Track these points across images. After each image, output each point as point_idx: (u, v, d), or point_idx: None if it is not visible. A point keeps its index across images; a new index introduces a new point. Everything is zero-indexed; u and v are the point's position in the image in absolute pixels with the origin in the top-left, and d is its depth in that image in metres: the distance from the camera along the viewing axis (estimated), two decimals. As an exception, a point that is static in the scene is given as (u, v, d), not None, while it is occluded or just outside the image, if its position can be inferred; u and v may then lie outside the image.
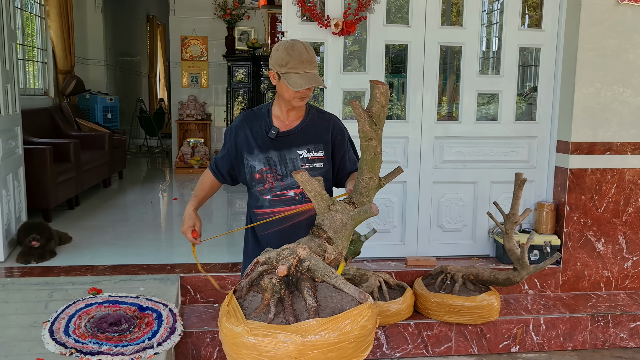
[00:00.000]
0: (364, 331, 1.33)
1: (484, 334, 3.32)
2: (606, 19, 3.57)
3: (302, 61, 1.98)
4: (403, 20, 3.90)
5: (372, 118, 1.60)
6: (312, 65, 2.00)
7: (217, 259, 3.75)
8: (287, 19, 3.56)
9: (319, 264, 1.43)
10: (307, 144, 2.13)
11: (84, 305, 3.00)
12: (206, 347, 3.06)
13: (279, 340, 1.26)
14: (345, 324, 1.29)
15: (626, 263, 3.81)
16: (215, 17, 8.00)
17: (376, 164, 1.69)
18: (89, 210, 5.45)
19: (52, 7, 6.61)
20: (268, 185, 2.13)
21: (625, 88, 3.65)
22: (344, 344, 1.29)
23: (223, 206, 6.20)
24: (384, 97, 1.58)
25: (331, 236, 1.56)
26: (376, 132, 1.62)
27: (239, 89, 7.83)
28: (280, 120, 2.16)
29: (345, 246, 1.59)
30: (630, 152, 3.69)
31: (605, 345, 3.47)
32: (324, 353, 1.25)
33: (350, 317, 1.30)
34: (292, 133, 2.14)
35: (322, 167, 2.15)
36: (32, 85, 6.57)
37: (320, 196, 1.63)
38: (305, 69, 1.98)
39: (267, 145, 2.12)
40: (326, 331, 1.27)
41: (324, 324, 1.28)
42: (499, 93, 3.84)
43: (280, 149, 2.12)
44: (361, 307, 1.34)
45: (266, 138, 2.13)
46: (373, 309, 1.37)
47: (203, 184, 2.35)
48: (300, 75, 1.98)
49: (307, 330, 1.27)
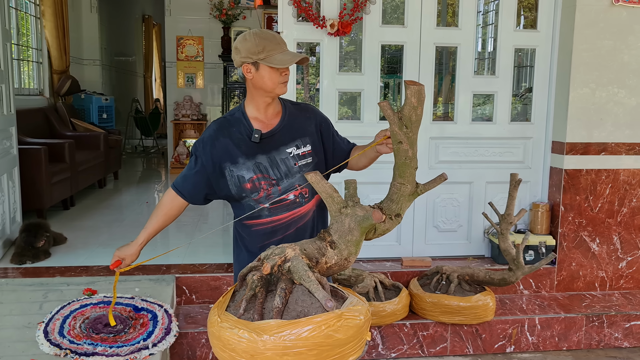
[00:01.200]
0: (329, 341, 1.26)
1: (480, 334, 3.33)
2: (601, 20, 3.58)
3: (277, 42, 1.90)
4: (399, 20, 3.90)
5: (402, 120, 1.53)
6: (286, 45, 1.95)
7: (212, 260, 3.75)
8: (283, 19, 3.56)
9: (299, 266, 1.40)
10: (294, 140, 1.99)
11: (78, 306, 2.99)
12: (201, 348, 3.06)
13: (238, 335, 1.28)
14: (305, 330, 1.25)
15: (621, 263, 3.82)
16: (211, 17, 8.00)
17: (407, 169, 1.61)
18: (84, 210, 5.43)
19: (47, 7, 6.58)
20: (264, 193, 1.96)
21: (620, 89, 3.66)
22: (302, 350, 1.25)
23: (219, 206, 6.19)
24: (416, 98, 1.50)
25: (335, 240, 1.52)
26: (407, 135, 1.55)
27: (234, 89, 7.82)
28: (259, 120, 2.00)
29: (353, 252, 1.52)
30: (624, 153, 3.70)
31: (600, 345, 3.48)
32: (279, 355, 1.25)
33: (313, 324, 1.26)
34: (276, 132, 1.99)
35: (312, 160, 2.01)
36: (27, 85, 6.55)
37: (331, 198, 1.56)
38: (284, 48, 1.92)
39: (253, 151, 1.96)
40: (282, 334, 1.25)
41: (281, 326, 1.27)
42: (494, 94, 3.85)
43: (268, 151, 1.97)
44: (326, 316, 1.28)
45: (250, 143, 1.96)
46: (349, 320, 1.30)
47: (160, 213, 2.16)
48: (283, 53, 1.90)
49: (264, 329, 1.27)
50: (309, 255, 1.48)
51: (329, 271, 1.53)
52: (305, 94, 7.95)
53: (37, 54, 6.72)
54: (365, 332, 1.39)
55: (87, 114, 7.62)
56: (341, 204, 1.57)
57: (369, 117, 3.71)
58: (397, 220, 1.64)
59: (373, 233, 1.62)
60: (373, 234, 1.62)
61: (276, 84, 1.93)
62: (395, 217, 1.63)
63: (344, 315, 1.30)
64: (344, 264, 1.53)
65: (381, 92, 6.79)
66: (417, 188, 1.65)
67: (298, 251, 1.46)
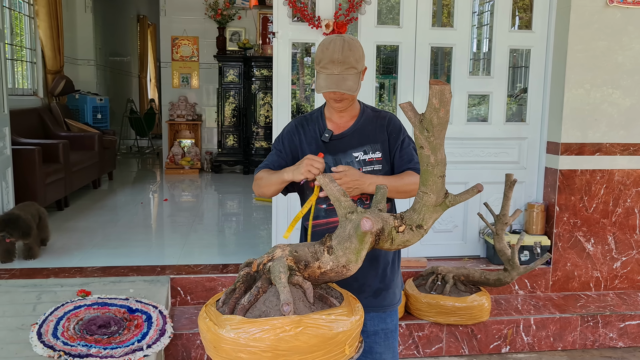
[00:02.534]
0: (286, 345, 1.25)
1: (475, 335, 3.33)
2: (595, 20, 3.59)
3: (332, 61, 1.81)
4: (394, 21, 3.91)
5: (422, 123, 1.41)
6: (344, 66, 1.82)
7: (207, 261, 3.74)
8: (278, 19, 3.56)
9: (276, 267, 1.38)
10: (363, 145, 1.95)
11: (72, 308, 2.98)
12: (196, 349, 3.05)
13: (207, 326, 1.33)
14: (259, 330, 1.25)
15: (615, 263, 3.83)
16: (206, 18, 7.98)
17: (430, 177, 1.48)
18: (79, 211, 5.41)
19: (41, 7, 6.56)
20: (322, 193, 1.90)
21: (614, 89, 3.68)
22: (255, 350, 1.25)
23: (214, 207, 6.18)
24: (438, 99, 1.37)
25: (333, 246, 1.46)
26: (428, 140, 1.43)
27: (230, 89, 7.81)
28: (333, 122, 1.99)
29: (352, 260, 1.44)
30: (619, 153, 3.72)
31: (595, 345, 3.49)
32: (234, 351, 1.27)
33: (268, 326, 1.25)
34: (347, 135, 1.97)
35: (381, 168, 1.96)
36: (21, 86, 6.52)
37: (339, 202, 1.51)
38: (334, 71, 1.81)
39: (321, 150, 1.94)
40: (239, 330, 1.27)
41: (240, 323, 1.28)
42: (489, 94, 3.85)
43: (335, 152, 1.95)
44: (283, 320, 1.26)
45: (320, 142, 1.97)
46: (311, 328, 1.27)
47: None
48: (327, 77, 1.82)
49: (225, 324, 1.30)
50: (299, 258, 1.44)
51: (324, 277, 1.46)
52: (300, 94, 7.95)
53: (31, 54, 6.69)
54: (344, 346, 1.33)
55: (81, 114, 7.59)
56: (348, 209, 1.51)
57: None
58: (419, 232, 1.52)
59: (390, 243, 1.53)
60: (390, 243, 1.53)
61: (328, 99, 1.92)
62: (416, 229, 1.52)
63: (303, 322, 1.27)
64: (341, 271, 1.46)
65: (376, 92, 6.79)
66: (446, 199, 1.51)
67: (287, 252, 1.44)
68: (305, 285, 1.40)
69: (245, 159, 7.94)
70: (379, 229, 1.47)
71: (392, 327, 2.08)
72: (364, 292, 1.98)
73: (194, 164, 7.97)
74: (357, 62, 1.84)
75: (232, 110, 7.85)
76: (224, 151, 7.96)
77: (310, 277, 1.45)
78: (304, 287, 1.39)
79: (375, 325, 2.04)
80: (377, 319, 2.04)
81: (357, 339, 1.41)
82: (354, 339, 1.38)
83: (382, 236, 1.50)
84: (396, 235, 1.51)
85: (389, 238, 1.52)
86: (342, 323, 1.33)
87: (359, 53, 1.85)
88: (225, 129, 7.89)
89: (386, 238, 1.51)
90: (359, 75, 1.87)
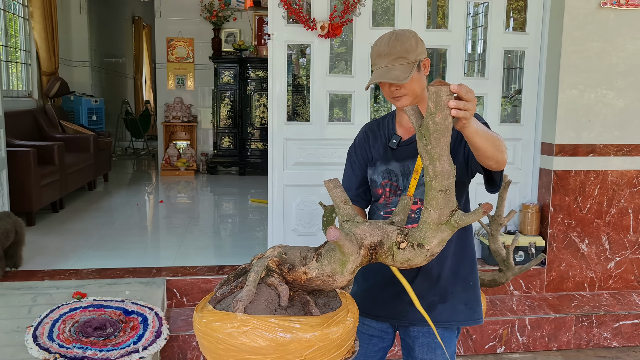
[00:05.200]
0: (235, 342, 1.26)
1: (470, 335, 3.34)
2: (589, 22, 3.61)
3: (379, 54, 1.73)
4: (389, 22, 3.92)
5: (420, 130, 1.28)
6: (390, 57, 1.72)
7: (203, 262, 3.74)
8: (273, 21, 3.56)
9: (255, 266, 1.38)
10: None
11: (68, 310, 2.97)
12: (192, 351, 3.05)
13: (195, 313, 1.39)
14: (215, 322, 1.30)
15: (609, 263, 3.85)
16: (202, 19, 7.98)
17: (429, 191, 1.30)
18: (74, 213, 5.40)
19: (35, 8, 6.54)
20: (384, 200, 1.87)
21: (608, 90, 3.70)
22: (211, 340, 1.31)
23: (210, 208, 6.18)
24: (433, 101, 1.23)
25: (322, 253, 1.40)
26: (425, 148, 1.27)
27: (225, 91, 7.80)
28: (403, 126, 1.89)
29: (338, 271, 1.37)
30: (613, 154, 3.74)
31: (589, 345, 3.50)
32: (200, 337, 1.35)
33: (220, 320, 1.30)
34: (415, 140, 1.76)
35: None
36: (16, 87, 6.50)
37: (338, 210, 1.47)
38: (381, 64, 1.73)
39: (388, 156, 1.86)
40: (204, 320, 1.32)
41: (206, 312, 1.34)
42: (484, 95, 3.87)
43: (402, 159, 1.84)
44: (232, 316, 1.28)
45: (387, 148, 1.88)
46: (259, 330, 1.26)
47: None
48: (375, 71, 1.73)
49: (202, 313, 1.36)
50: (286, 260, 1.40)
51: (311, 284, 1.41)
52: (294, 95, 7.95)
53: (26, 56, 6.68)
54: (301, 356, 1.28)
55: (76, 115, 7.57)
56: (345, 217, 1.43)
57: (360, 119, 3.71)
58: (421, 251, 1.36)
59: (392, 259, 1.40)
60: (392, 260, 1.41)
61: (388, 97, 1.82)
62: (417, 247, 1.36)
63: (251, 322, 1.26)
64: (327, 281, 1.38)
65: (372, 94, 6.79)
66: (451, 217, 1.33)
67: (276, 253, 1.43)
68: (281, 287, 1.36)
69: (241, 161, 7.93)
70: (374, 242, 1.39)
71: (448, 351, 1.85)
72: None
73: (189, 166, 7.96)
74: (408, 52, 1.72)
75: (228, 111, 7.85)
76: (219, 153, 7.96)
77: (295, 281, 1.41)
78: (278, 290, 1.36)
79: (423, 353, 1.87)
80: (427, 347, 1.87)
81: (325, 353, 1.33)
82: (318, 352, 1.31)
83: (381, 250, 1.40)
84: (397, 252, 1.38)
85: (390, 254, 1.40)
86: (300, 332, 1.27)
87: (410, 43, 1.74)
88: (221, 131, 7.88)
89: (386, 254, 1.40)
90: (412, 65, 1.73)
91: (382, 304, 1.90)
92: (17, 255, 3.53)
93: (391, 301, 1.88)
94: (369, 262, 1.42)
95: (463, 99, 1.27)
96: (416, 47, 1.75)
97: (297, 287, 1.42)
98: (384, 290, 1.90)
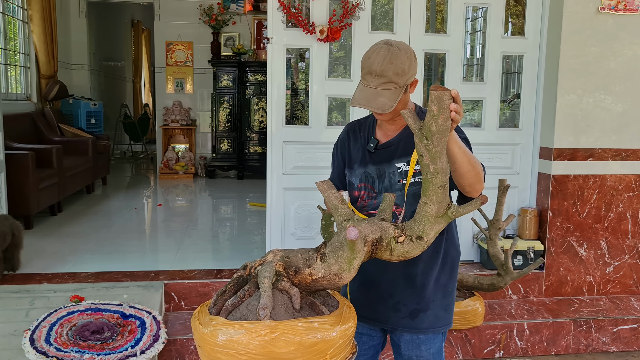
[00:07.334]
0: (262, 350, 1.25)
1: (469, 340, 3.34)
2: (587, 27, 3.63)
3: (370, 72, 1.68)
4: (388, 27, 3.92)
5: (422, 131, 1.39)
6: (381, 80, 1.67)
7: (201, 266, 3.73)
8: (273, 25, 3.57)
9: (263, 271, 1.37)
10: (407, 156, 1.81)
11: (65, 313, 2.96)
12: (190, 355, 3.04)
13: (195, 326, 1.36)
14: (236, 333, 1.26)
15: (608, 268, 3.85)
16: (201, 23, 7.99)
17: (430, 187, 1.43)
18: (72, 216, 5.39)
19: (35, 12, 6.54)
20: (360, 203, 1.89)
21: (606, 95, 3.70)
22: (231, 352, 1.26)
23: (208, 212, 6.17)
24: (437, 105, 1.34)
25: (326, 253, 1.43)
26: (427, 148, 1.39)
27: (224, 94, 7.81)
28: (382, 129, 1.89)
29: (344, 269, 1.41)
30: (611, 159, 3.74)
31: (588, 350, 3.50)
32: (214, 351, 1.31)
33: (244, 329, 1.26)
34: (392, 144, 1.85)
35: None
36: (14, 90, 6.49)
37: (336, 209, 1.49)
38: (370, 83, 1.69)
39: (366, 159, 1.87)
40: (217, 331, 1.29)
41: (220, 324, 1.31)
42: (482, 100, 3.87)
43: (379, 162, 1.85)
44: (258, 324, 1.25)
45: (365, 151, 1.88)
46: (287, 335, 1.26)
47: None
48: (362, 89, 1.70)
49: (208, 324, 1.33)
50: (290, 263, 1.42)
51: (316, 284, 1.43)
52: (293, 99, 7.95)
53: (25, 59, 6.67)
54: (325, 355, 1.31)
55: (75, 119, 7.56)
56: (345, 217, 1.47)
57: (359, 123, 3.72)
58: (419, 243, 1.48)
59: (390, 253, 1.49)
60: (390, 254, 1.49)
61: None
62: (416, 240, 1.48)
63: (279, 328, 1.25)
64: (334, 280, 1.42)
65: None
66: (448, 210, 1.47)
67: (278, 257, 1.43)
68: (292, 291, 1.37)
69: (240, 164, 7.93)
70: (375, 238, 1.45)
71: (428, 355, 1.93)
72: (400, 312, 1.90)
73: (188, 169, 7.95)
74: (399, 77, 1.68)
75: (227, 115, 7.85)
76: (218, 156, 7.96)
77: (301, 283, 1.43)
78: (290, 293, 1.37)
79: (409, 350, 1.94)
80: (412, 344, 1.93)
81: (343, 349, 1.37)
82: (339, 349, 1.34)
83: (380, 246, 1.47)
84: (395, 246, 1.48)
85: (388, 248, 1.48)
86: (324, 332, 1.31)
87: (403, 66, 1.68)
88: (220, 134, 7.89)
89: (385, 248, 1.48)
90: (400, 90, 1.70)
91: (367, 307, 1.94)
92: (14, 259, 3.51)
93: (375, 304, 1.93)
94: (369, 257, 1.48)
95: (457, 103, 1.40)
96: (409, 70, 1.70)
97: (301, 289, 1.44)
98: (368, 294, 1.94)
